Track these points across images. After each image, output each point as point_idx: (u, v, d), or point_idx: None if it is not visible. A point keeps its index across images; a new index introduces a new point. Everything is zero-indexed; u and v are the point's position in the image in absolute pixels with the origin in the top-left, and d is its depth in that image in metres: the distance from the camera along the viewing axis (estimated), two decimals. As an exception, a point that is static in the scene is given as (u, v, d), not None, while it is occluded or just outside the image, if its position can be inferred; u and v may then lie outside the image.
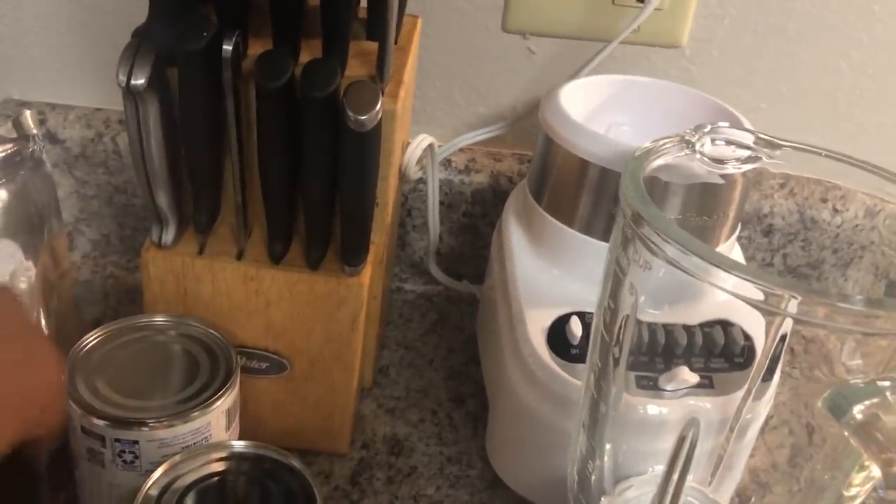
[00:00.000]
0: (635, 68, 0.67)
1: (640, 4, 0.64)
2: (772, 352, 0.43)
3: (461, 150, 0.69)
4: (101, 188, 0.69)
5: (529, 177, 0.59)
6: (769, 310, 0.34)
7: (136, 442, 0.41)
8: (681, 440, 0.40)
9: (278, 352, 0.51)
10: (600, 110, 0.59)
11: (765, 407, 0.49)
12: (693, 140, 0.40)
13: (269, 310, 0.49)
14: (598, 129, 0.54)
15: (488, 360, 0.60)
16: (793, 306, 0.34)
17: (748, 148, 0.43)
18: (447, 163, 0.68)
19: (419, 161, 0.56)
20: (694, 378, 0.48)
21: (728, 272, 0.34)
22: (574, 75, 0.64)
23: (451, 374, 0.64)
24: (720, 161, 0.42)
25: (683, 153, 0.41)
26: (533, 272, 0.55)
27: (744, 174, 0.50)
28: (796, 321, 0.36)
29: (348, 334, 0.50)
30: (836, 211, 0.68)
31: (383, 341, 0.65)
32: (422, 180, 0.67)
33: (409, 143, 0.57)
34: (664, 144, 0.40)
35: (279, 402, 0.53)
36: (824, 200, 0.67)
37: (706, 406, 0.45)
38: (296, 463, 0.41)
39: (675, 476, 0.40)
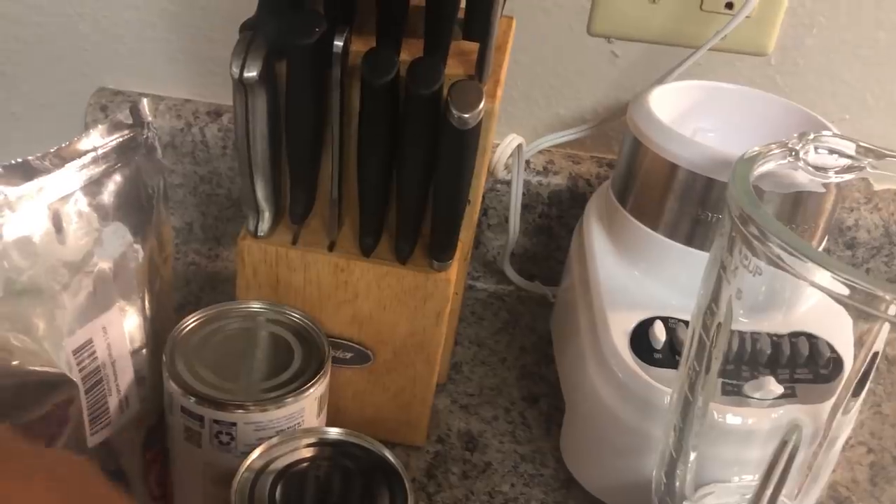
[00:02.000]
0: (719, 75, 0.66)
1: (729, 11, 0.63)
2: (864, 367, 0.43)
3: (540, 151, 0.70)
4: (187, 177, 0.71)
5: (613, 179, 0.59)
6: (871, 313, 0.34)
7: (234, 424, 0.43)
8: (782, 445, 0.40)
9: (363, 342, 0.52)
10: (686, 115, 0.59)
11: (851, 421, 0.48)
12: (797, 148, 0.40)
13: (357, 301, 0.50)
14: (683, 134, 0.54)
15: (566, 361, 0.60)
16: (894, 311, 0.34)
17: (850, 157, 0.42)
18: (525, 163, 0.69)
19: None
20: (779, 389, 0.48)
21: (835, 274, 0.33)
22: (658, 81, 0.64)
23: (524, 373, 0.64)
24: (822, 170, 0.42)
25: (787, 160, 0.41)
26: (615, 275, 0.56)
27: (837, 185, 0.50)
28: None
29: (432, 328, 0.51)
30: (920, 226, 0.67)
31: (457, 338, 0.66)
32: (498, 180, 0.68)
33: (496, 144, 0.58)
34: (771, 150, 0.40)
35: (360, 392, 0.54)
36: (910, 215, 0.66)
37: (799, 416, 0.45)
38: (388, 455, 0.42)
39: (774, 481, 0.40)
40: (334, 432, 0.43)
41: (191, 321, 0.46)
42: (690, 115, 0.60)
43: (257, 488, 0.40)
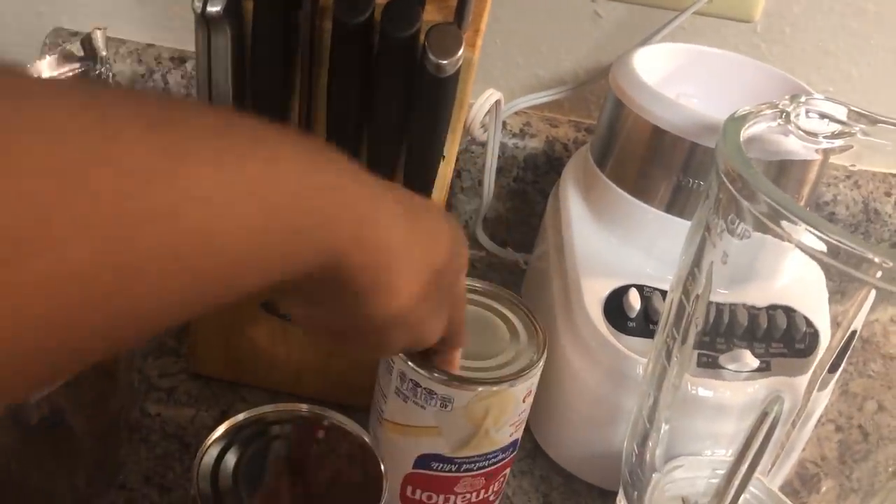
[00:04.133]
0: (704, 40, 0.64)
1: (717, -27, 0.61)
2: (841, 344, 0.42)
3: (516, 113, 0.67)
4: (148, 126, 0.67)
5: (593, 142, 0.57)
6: (859, 277, 0.33)
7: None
8: (762, 416, 0.39)
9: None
10: (669, 79, 0.57)
11: (826, 397, 0.48)
12: (788, 110, 0.38)
13: (323, 258, 0.48)
14: (666, 98, 0.52)
15: (536, 328, 0.59)
16: (881, 275, 0.32)
17: (841, 122, 0.41)
18: (502, 125, 0.66)
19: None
20: (755, 362, 0.47)
21: (824, 234, 0.32)
22: (641, 43, 0.62)
23: (493, 340, 0.62)
24: (812, 134, 0.40)
25: (777, 122, 0.39)
26: (591, 241, 0.54)
27: (824, 152, 0.48)
28: (880, 292, 0.35)
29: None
30: (898, 204, 0.66)
31: (425, 302, 0.64)
32: (473, 140, 0.66)
33: (472, 102, 0.55)
34: (762, 110, 0.38)
35: (323, 354, 0.52)
36: (888, 195, 0.65)
37: (780, 388, 0.44)
38: (366, 437, 0.40)
39: (752, 453, 0.39)
40: (305, 408, 0.41)
41: None
42: (674, 79, 0.58)
43: (222, 463, 0.38)
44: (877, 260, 0.31)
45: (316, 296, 0.29)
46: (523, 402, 0.43)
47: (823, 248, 0.32)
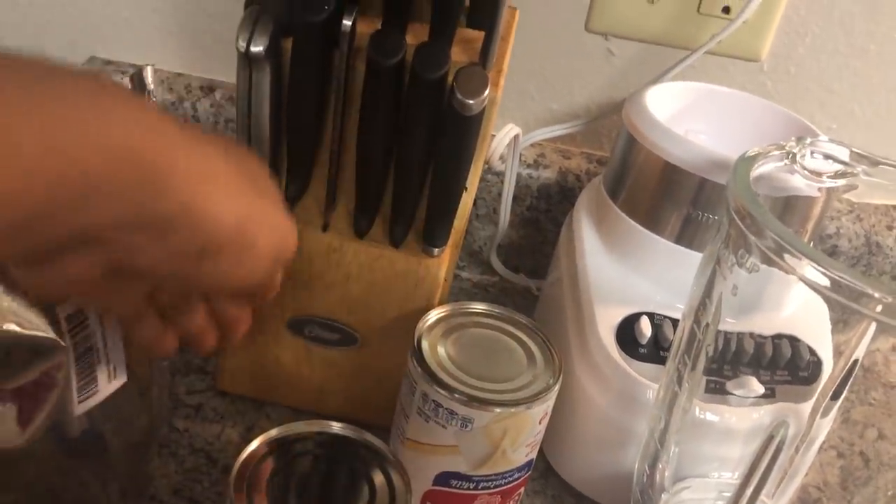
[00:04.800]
0: (713, 78, 0.67)
1: (725, 15, 0.64)
2: (843, 373, 0.44)
3: (531, 144, 0.70)
4: (176, 151, 0.70)
5: (606, 175, 0.60)
6: (859, 310, 0.35)
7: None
8: (768, 440, 0.41)
9: (350, 325, 0.52)
10: (679, 116, 0.60)
11: (828, 424, 0.49)
12: (795, 151, 0.41)
13: (349, 283, 0.50)
14: (674, 134, 0.55)
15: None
16: (881, 309, 0.34)
17: (843, 163, 0.43)
18: (519, 157, 0.69)
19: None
20: (761, 388, 0.49)
21: (826, 270, 0.34)
22: (653, 81, 0.65)
23: (506, 363, 0.64)
24: (816, 174, 0.43)
25: (783, 163, 0.41)
26: (603, 269, 0.56)
27: (827, 191, 0.51)
28: (880, 326, 0.37)
29: (421, 314, 0.51)
30: (899, 237, 0.68)
31: (441, 326, 0.66)
32: (489, 170, 0.68)
33: (492, 134, 0.58)
34: (769, 151, 0.40)
35: (345, 375, 0.54)
36: (890, 228, 0.67)
37: (786, 414, 0.46)
38: (388, 453, 0.42)
39: (758, 476, 0.41)
40: (337, 427, 0.43)
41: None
42: (683, 116, 0.60)
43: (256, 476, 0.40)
44: (877, 295, 0.33)
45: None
46: (539, 423, 0.46)
47: (826, 282, 0.34)
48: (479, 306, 0.50)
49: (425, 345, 0.46)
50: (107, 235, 0.28)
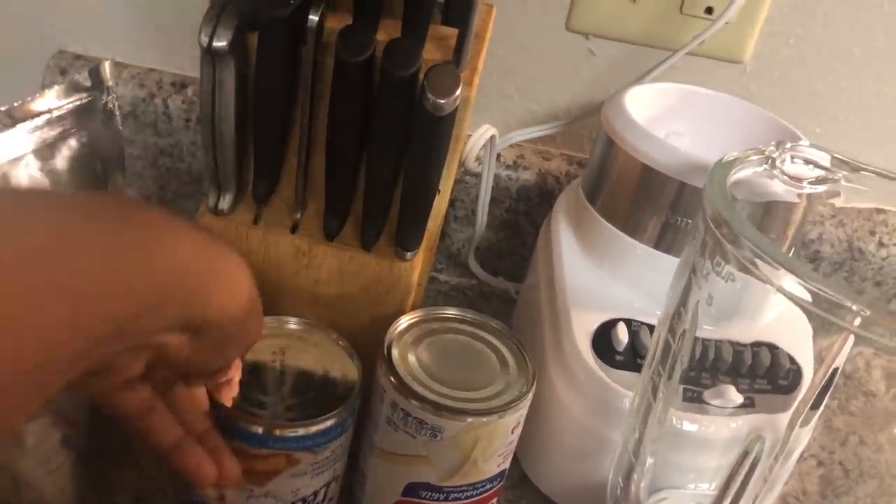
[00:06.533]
0: (695, 79, 0.66)
1: (708, 16, 0.63)
2: (823, 381, 0.43)
3: (510, 145, 0.69)
4: (147, 149, 0.68)
5: (584, 178, 0.58)
6: (837, 323, 0.34)
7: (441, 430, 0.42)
8: (743, 455, 0.40)
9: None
10: (660, 117, 0.59)
11: (808, 433, 0.48)
12: (774, 156, 0.40)
13: (318, 286, 0.49)
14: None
15: (525, 358, 0.60)
16: (859, 322, 0.33)
17: (824, 168, 0.42)
18: (496, 157, 0.68)
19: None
20: (739, 398, 0.48)
21: (803, 281, 0.33)
22: (634, 82, 0.63)
23: (483, 369, 0.63)
24: (796, 179, 0.41)
25: (763, 168, 0.40)
26: (581, 274, 0.55)
27: (808, 196, 0.50)
28: (858, 338, 0.36)
29: (394, 319, 0.50)
30: (881, 244, 0.67)
31: (416, 330, 0.65)
32: (467, 172, 0.67)
33: (468, 134, 0.57)
34: (748, 156, 0.39)
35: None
36: (872, 233, 0.67)
37: (760, 426, 0.45)
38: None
39: (734, 490, 0.40)
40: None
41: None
42: (664, 118, 0.59)
43: None
44: (854, 308, 0.32)
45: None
46: (512, 433, 0.44)
47: (803, 294, 0.33)
48: (451, 311, 0.48)
49: (395, 352, 0.45)
50: (161, 339, 0.32)
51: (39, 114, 0.37)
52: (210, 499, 0.44)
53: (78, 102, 0.39)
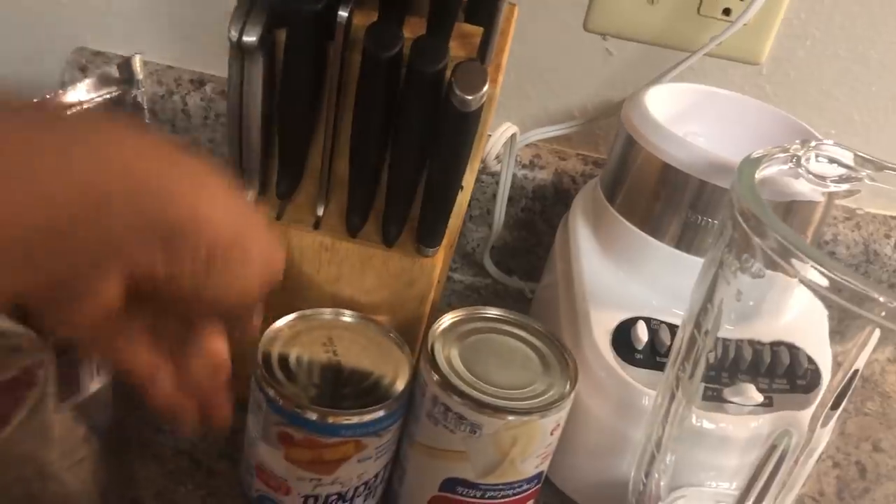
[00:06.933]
0: (712, 80, 0.66)
1: (726, 17, 0.63)
2: (843, 382, 0.43)
3: (527, 145, 0.69)
4: (165, 146, 0.69)
5: (603, 176, 0.59)
6: (862, 314, 0.34)
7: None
8: (770, 449, 0.40)
9: (341, 326, 0.51)
10: (678, 117, 0.59)
11: (828, 433, 0.49)
12: (800, 154, 0.40)
13: (339, 282, 0.49)
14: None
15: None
16: (884, 314, 0.34)
17: (847, 167, 0.42)
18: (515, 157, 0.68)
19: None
20: (759, 397, 0.48)
21: (831, 273, 0.33)
22: (652, 82, 0.64)
23: (498, 367, 0.63)
24: (821, 178, 0.42)
25: (788, 166, 0.40)
26: (599, 273, 0.55)
27: (829, 195, 0.50)
28: (884, 331, 0.36)
29: (414, 314, 0.50)
30: (897, 246, 0.67)
31: (432, 327, 0.65)
32: (484, 170, 0.67)
33: (489, 134, 0.57)
34: (774, 154, 0.40)
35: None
36: (888, 236, 0.67)
37: (788, 423, 0.45)
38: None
39: (760, 485, 0.40)
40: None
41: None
42: (682, 118, 0.59)
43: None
44: (881, 299, 0.33)
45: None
46: (551, 434, 0.45)
47: (830, 285, 0.33)
48: (494, 311, 0.49)
49: (438, 348, 0.45)
50: (123, 247, 0.30)
51: (70, 106, 0.38)
52: (274, 492, 0.44)
53: (108, 95, 0.39)
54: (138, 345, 0.35)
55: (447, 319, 0.47)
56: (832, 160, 0.41)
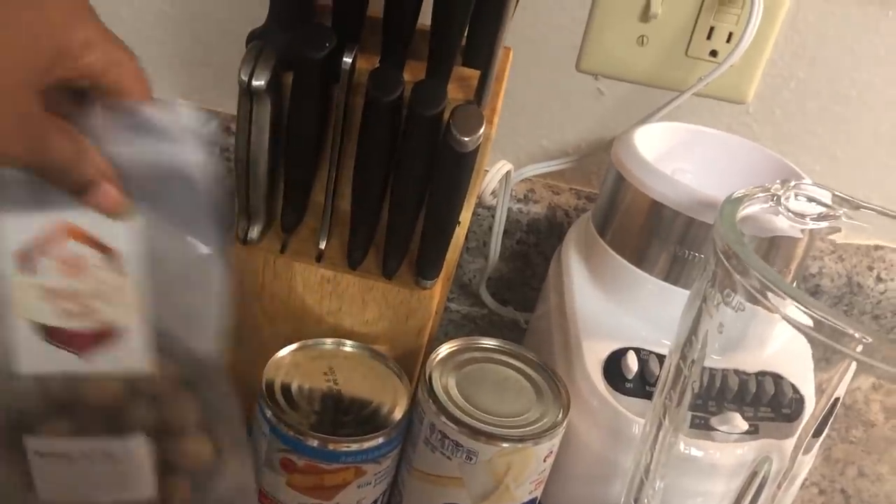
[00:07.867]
0: (699, 119, 0.69)
1: (713, 58, 0.66)
2: (825, 410, 0.45)
3: (522, 180, 0.71)
4: (171, 179, 0.71)
5: (594, 211, 0.61)
6: (840, 349, 0.36)
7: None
8: (752, 475, 0.41)
9: (342, 355, 0.53)
10: (667, 155, 0.61)
11: (810, 461, 0.50)
12: (779, 193, 0.42)
13: (340, 313, 0.51)
14: (661, 173, 0.56)
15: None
16: (861, 349, 0.35)
17: (826, 206, 0.44)
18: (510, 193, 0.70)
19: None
20: (745, 425, 0.50)
21: (808, 309, 0.35)
22: (642, 121, 0.66)
23: (494, 396, 0.65)
24: (800, 216, 0.44)
25: (769, 205, 0.43)
26: (591, 304, 0.57)
27: (810, 231, 0.52)
28: (860, 365, 0.38)
29: (412, 344, 0.52)
30: (880, 279, 0.69)
31: (429, 357, 0.67)
32: (480, 204, 0.69)
33: (486, 170, 0.59)
34: (755, 193, 0.42)
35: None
36: (871, 268, 0.69)
37: (769, 450, 0.46)
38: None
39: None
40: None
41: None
42: (670, 155, 0.62)
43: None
44: (857, 335, 0.35)
45: None
46: (544, 461, 0.46)
47: (808, 322, 0.35)
48: (490, 341, 0.51)
49: (435, 377, 0.47)
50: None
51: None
52: None
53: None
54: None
55: (444, 349, 0.49)
56: (811, 199, 0.44)
